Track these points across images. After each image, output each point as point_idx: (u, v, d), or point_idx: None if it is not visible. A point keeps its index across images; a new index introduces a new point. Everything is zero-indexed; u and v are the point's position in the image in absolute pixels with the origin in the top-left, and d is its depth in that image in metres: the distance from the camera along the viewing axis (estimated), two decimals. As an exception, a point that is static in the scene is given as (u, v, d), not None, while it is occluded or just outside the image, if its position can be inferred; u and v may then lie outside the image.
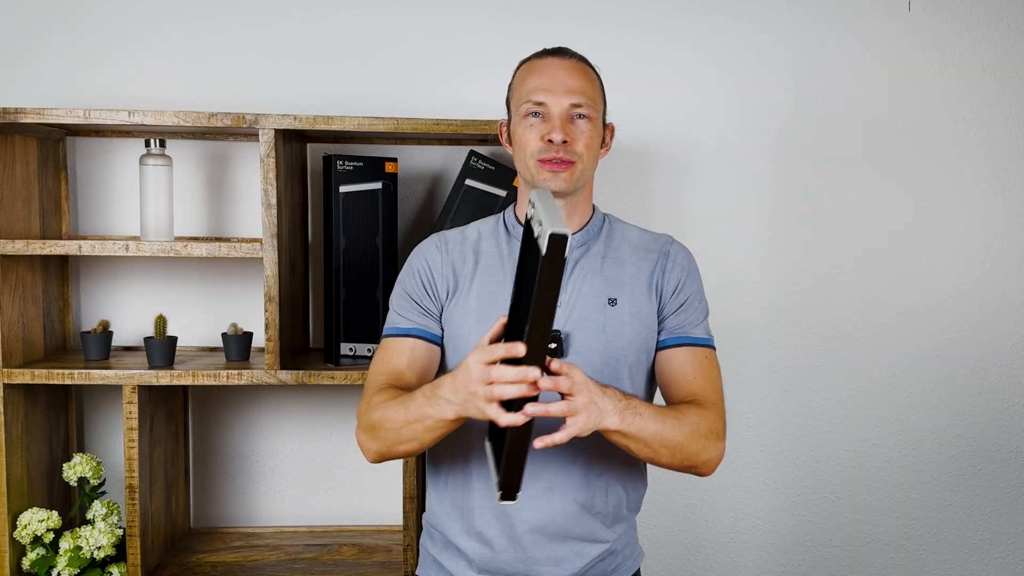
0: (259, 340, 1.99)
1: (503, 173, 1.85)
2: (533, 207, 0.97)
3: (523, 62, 1.34)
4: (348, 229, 1.85)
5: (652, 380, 1.36)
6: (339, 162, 1.85)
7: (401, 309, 1.33)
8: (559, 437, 1.04)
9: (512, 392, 0.98)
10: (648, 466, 1.40)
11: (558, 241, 0.90)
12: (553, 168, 1.25)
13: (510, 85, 1.35)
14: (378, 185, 1.88)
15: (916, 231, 2.13)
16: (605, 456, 1.29)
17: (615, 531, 1.33)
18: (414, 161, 2.04)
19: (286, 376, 1.75)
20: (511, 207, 1.40)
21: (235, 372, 1.75)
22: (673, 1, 2.05)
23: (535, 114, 1.27)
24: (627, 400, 1.12)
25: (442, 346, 1.33)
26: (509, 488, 1.03)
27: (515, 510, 1.27)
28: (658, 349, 1.32)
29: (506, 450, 1.01)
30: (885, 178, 2.12)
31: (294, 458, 2.08)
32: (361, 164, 1.86)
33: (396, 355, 1.29)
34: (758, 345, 2.13)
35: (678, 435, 1.17)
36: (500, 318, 1.04)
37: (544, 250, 0.90)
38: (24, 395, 1.79)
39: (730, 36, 2.06)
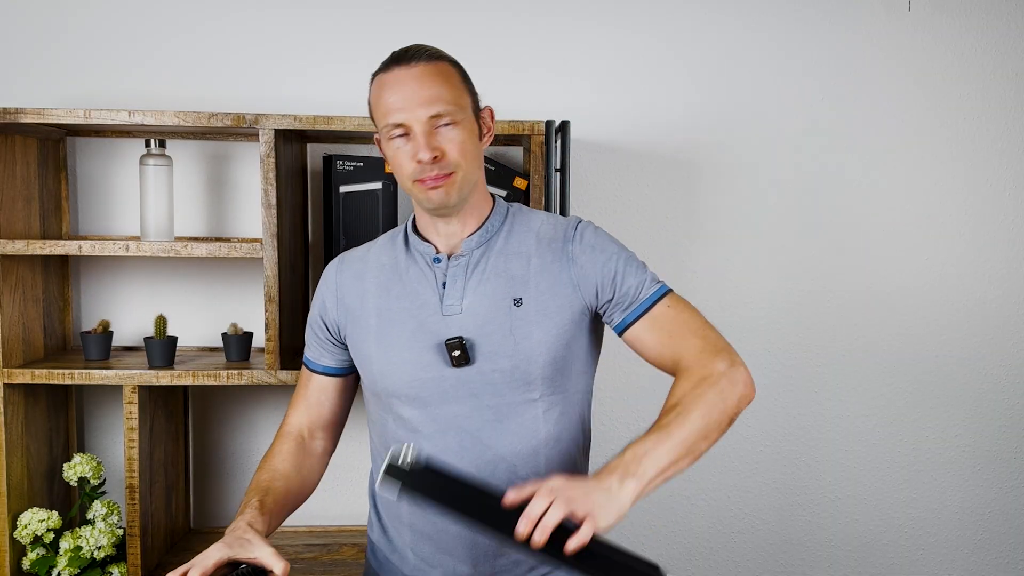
0: (259, 340, 1.99)
1: (503, 173, 1.85)
2: None
3: (375, 75, 1.25)
4: (348, 229, 1.85)
5: (583, 366, 1.29)
6: (339, 162, 1.85)
7: (308, 336, 1.39)
8: (582, 534, 0.98)
9: None
10: (591, 455, 1.37)
11: None
12: (432, 185, 1.20)
13: (369, 99, 1.27)
14: (378, 185, 1.88)
15: (916, 231, 2.13)
16: (526, 462, 1.25)
17: None
18: (414, 161, 2.04)
19: (286, 376, 1.75)
20: (411, 217, 1.34)
21: (235, 372, 1.75)
22: (672, 2, 2.05)
23: (399, 135, 1.21)
24: (632, 460, 1.05)
25: (350, 369, 1.37)
26: (404, 486, 1.02)
27: (442, 524, 1.24)
28: (623, 333, 1.26)
29: (447, 496, 1.01)
30: (885, 178, 2.12)
31: (294, 458, 2.08)
32: (361, 164, 1.86)
33: (303, 387, 1.39)
34: (758, 345, 2.13)
35: (695, 431, 1.11)
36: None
37: None
38: (24, 395, 1.79)
39: (731, 37, 2.06)
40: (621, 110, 2.06)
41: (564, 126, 1.81)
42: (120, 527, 1.83)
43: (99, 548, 1.77)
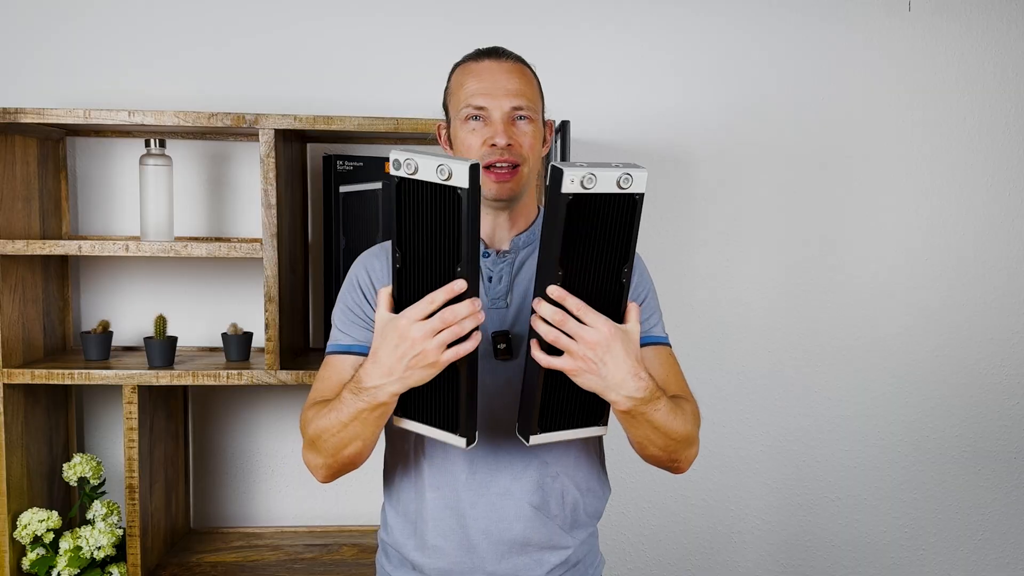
0: (259, 340, 1.99)
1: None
2: (410, 164, 0.99)
3: (458, 64, 1.31)
4: (348, 229, 1.86)
5: None
6: (339, 162, 1.85)
7: (343, 324, 1.30)
8: (543, 359, 1.05)
9: (469, 326, 1.01)
10: (609, 473, 1.38)
11: (473, 169, 0.96)
12: (501, 178, 1.24)
13: (447, 88, 1.32)
14: (378, 185, 1.88)
15: (915, 231, 2.13)
16: (559, 459, 1.28)
17: (575, 537, 1.31)
18: (414, 161, 2.03)
19: (286, 376, 1.75)
20: None
21: (235, 372, 1.75)
22: (672, 3, 2.05)
23: (475, 118, 1.25)
24: (650, 398, 1.09)
25: None
26: (523, 427, 1.08)
27: (470, 518, 1.25)
28: None
29: (523, 396, 1.05)
30: (886, 178, 2.12)
31: (294, 458, 2.08)
32: (361, 164, 1.87)
33: (338, 373, 1.27)
34: (758, 345, 2.13)
35: (680, 429, 1.17)
36: (382, 290, 1.07)
37: (468, 183, 0.96)
38: (24, 395, 1.79)
39: (730, 37, 2.06)
40: (620, 110, 2.06)
41: (564, 126, 1.81)
42: (120, 527, 1.83)
43: (99, 548, 1.77)
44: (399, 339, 1.03)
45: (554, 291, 1.02)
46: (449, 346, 1.02)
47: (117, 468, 1.99)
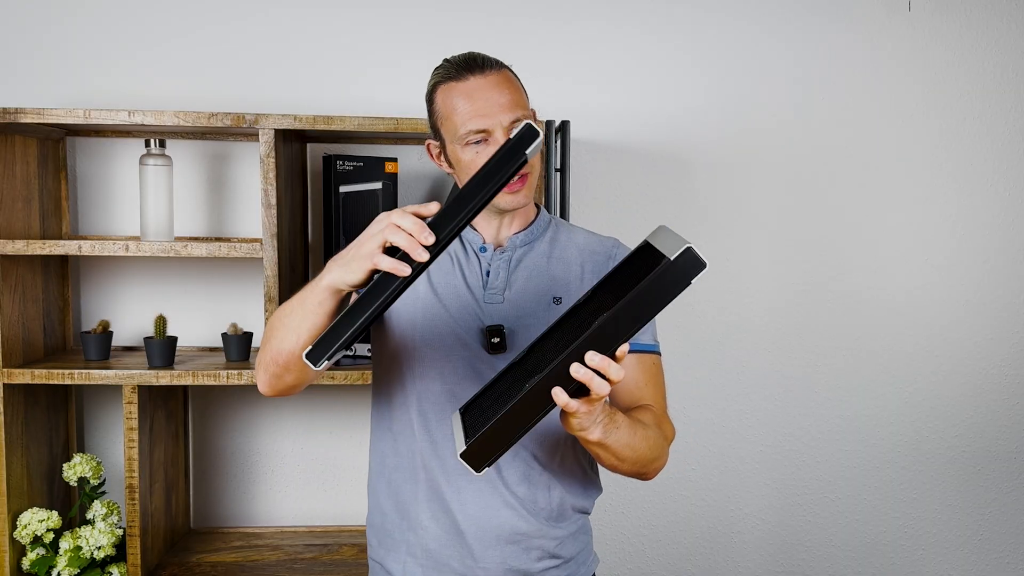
0: (259, 340, 1.99)
1: (503, 173, 1.85)
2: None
3: (439, 83, 1.27)
4: (348, 229, 1.86)
5: None
6: (339, 162, 1.85)
7: None
8: (563, 398, 1.01)
9: (401, 240, 0.99)
10: (608, 473, 1.38)
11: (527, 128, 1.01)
12: (513, 188, 1.25)
13: (434, 111, 1.29)
14: (378, 185, 1.88)
15: (916, 231, 2.13)
16: (548, 454, 1.29)
17: (562, 528, 1.31)
18: (414, 161, 2.04)
19: (286, 376, 1.75)
20: None
21: (235, 372, 1.75)
22: (672, 2, 2.05)
23: (478, 141, 1.24)
24: (610, 414, 1.11)
25: (386, 335, 1.32)
26: (478, 456, 1.02)
27: (458, 506, 1.26)
28: None
29: (496, 422, 1.00)
30: (886, 178, 2.12)
31: (294, 458, 2.08)
32: (361, 164, 1.87)
33: None
34: (758, 346, 2.13)
35: (644, 447, 1.18)
36: (434, 204, 1.06)
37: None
38: (24, 395, 1.79)
39: (731, 36, 2.06)
40: (621, 110, 2.06)
41: (564, 126, 1.81)
42: (120, 527, 1.83)
43: (99, 548, 1.77)
44: (366, 230, 1.05)
45: (623, 350, 1.00)
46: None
47: (117, 468, 1.99)
